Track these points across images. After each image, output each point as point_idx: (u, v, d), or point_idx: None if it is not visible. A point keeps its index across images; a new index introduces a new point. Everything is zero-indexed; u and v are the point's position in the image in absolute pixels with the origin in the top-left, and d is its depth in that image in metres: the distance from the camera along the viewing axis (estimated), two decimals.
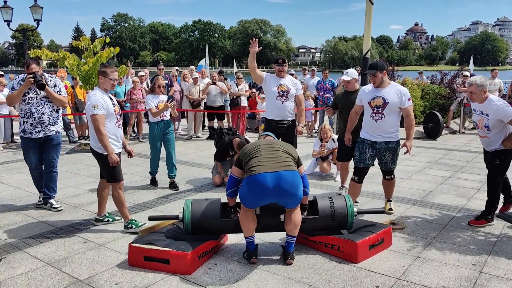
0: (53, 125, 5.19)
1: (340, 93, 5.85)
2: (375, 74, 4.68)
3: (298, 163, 3.65)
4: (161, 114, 6.05)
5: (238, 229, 3.81)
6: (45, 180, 5.31)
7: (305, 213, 3.95)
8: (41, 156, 5.24)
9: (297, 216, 3.66)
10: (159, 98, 6.18)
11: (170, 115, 6.20)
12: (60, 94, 5.18)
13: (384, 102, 4.67)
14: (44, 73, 5.15)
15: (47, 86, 5.00)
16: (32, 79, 4.89)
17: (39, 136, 5.11)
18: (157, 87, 6.16)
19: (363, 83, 6.74)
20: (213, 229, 3.88)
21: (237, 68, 22.00)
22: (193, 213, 3.82)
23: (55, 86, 5.17)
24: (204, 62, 15.94)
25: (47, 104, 5.13)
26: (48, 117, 5.14)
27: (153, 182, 6.37)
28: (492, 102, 4.35)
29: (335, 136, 6.65)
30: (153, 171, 6.37)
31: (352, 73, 5.51)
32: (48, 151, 5.23)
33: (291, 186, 3.41)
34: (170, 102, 5.98)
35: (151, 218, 4.10)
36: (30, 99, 5.04)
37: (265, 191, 3.39)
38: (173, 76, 11.58)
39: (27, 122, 5.07)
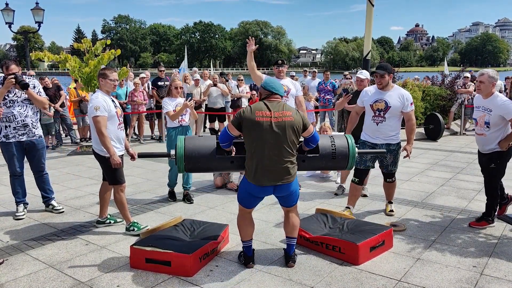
0: (35, 128, 5.05)
1: (352, 92, 5.95)
2: (383, 75, 4.65)
3: (304, 128, 3.51)
4: (180, 119, 5.51)
5: (234, 167, 3.65)
6: (39, 184, 5.28)
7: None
8: (23, 161, 5.10)
9: (295, 218, 3.72)
10: (176, 101, 5.54)
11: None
12: (40, 95, 5.03)
13: (386, 106, 4.66)
14: (22, 75, 4.93)
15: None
16: (14, 80, 4.71)
17: (22, 140, 4.96)
18: (174, 88, 5.53)
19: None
20: (208, 166, 3.64)
21: (214, 69, 21.79)
22: (187, 149, 3.56)
23: (34, 87, 4.99)
24: (183, 64, 15.52)
25: (29, 106, 4.98)
26: (31, 120, 5.00)
27: (172, 196, 5.77)
28: (497, 98, 4.35)
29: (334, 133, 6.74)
30: (172, 184, 5.75)
31: (366, 74, 5.76)
32: (36, 157, 5.12)
33: (289, 193, 3.58)
34: (189, 101, 5.41)
35: (140, 155, 3.91)
36: (11, 102, 4.86)
37: (265, 193, 3.55)
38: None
39: (9, 126, 4.87)
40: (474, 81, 9.44)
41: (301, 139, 3.62)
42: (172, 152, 3.62)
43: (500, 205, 4.84)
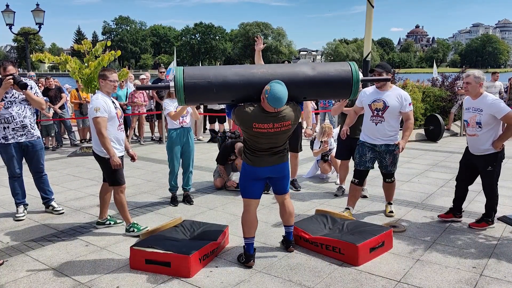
0: (34, 129, 5.05)
1: None
2: (381, 73, 4.68)
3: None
4: (181, 120, 5.45)
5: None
6: (38, 185, 5.28)
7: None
8: (22, 162, 5.10)
9: (290, 205, 3.99)
10: (177, 101, 5.55)
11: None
12: (37, 96, 5.02)
13: (384, 105, 4.67)
14: (21, 76, 4.91)
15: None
16: (12, 80, 4.69)
17: (21, 141, 4.96)
18: None
19: (364, 85, 6.79)
20: (207, 96, 3.52)
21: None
22: (187, 78, 3.42)
23: (31, 88, 4.97)
24: (173, 65, 15.60)
25: (27, 107, 4.98)
26: (30, 120, 5.00)
27: (174, 201, 5.61)
28: (487, 97, 4.37)
29: (335, 131, 6.78)
30: (173, 188, 5.64)
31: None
32: (35, 158, 5.12)
33: (282, 172, 3.82)
34: None
35: (139, 88, 4.09)
36: (9, 102, 4.87)
37: (262, 172, 3.74)
38: None
39: (8, 127, 4.86)
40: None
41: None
42: (172, 83, 3.52)
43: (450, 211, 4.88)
